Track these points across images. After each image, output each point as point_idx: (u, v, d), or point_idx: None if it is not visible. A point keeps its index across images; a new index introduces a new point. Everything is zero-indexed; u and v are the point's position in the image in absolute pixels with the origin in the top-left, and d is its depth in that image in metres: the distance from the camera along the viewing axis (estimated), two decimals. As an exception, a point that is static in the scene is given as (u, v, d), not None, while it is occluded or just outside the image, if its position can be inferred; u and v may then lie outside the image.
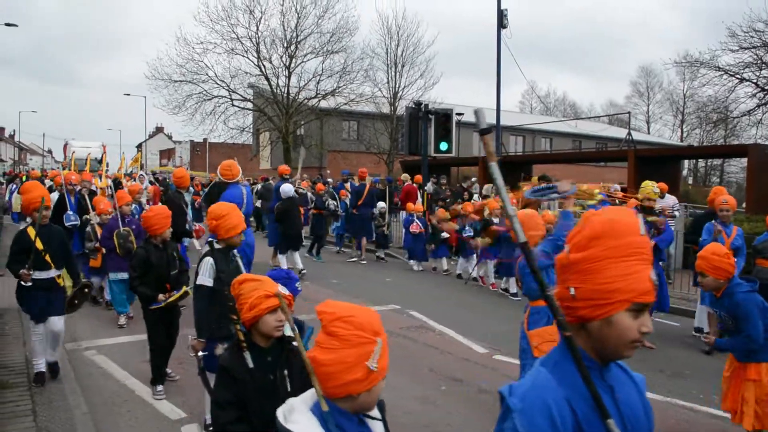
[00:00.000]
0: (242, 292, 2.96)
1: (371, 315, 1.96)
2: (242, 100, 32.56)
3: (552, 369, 1.60)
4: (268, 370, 2.94)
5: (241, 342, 2.96)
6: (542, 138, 47.63)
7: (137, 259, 5.99)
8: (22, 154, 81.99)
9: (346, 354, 1.87)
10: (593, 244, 1.57)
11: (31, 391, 5.86)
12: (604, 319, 1.55)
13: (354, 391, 1.89)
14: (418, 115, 16.41)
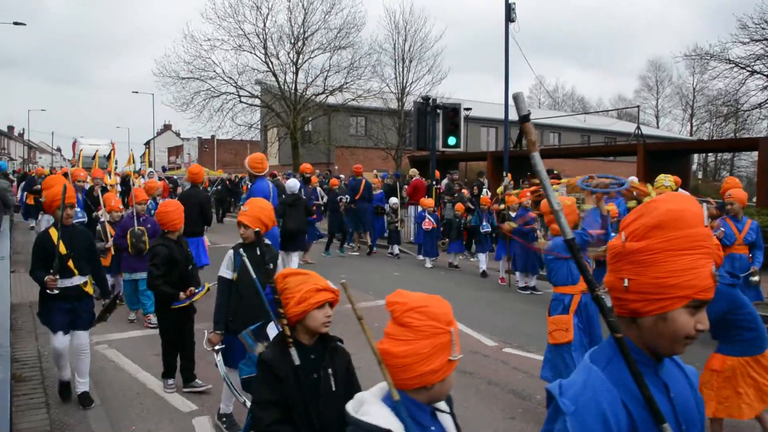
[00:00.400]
0: (288, 286, 2.83)
1: (444, 305, 1.94)
2: (250, 97, 32.62)
3: (605, 367, 1.50)
4: (312, 368, 2.79)
5: (288, 338, 2.79)
6: (550, 132, 47.47)
7: (160, 257, 5.67)
8: (32, 153, 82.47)
9: (421, 345, 1.85)
10: (653, 234, 1.46)
11: (44, 384, 5.91)
12: (659, 315, 1.46)
13: (428, 382, 1.88)
14: (426, 109, 16.35)
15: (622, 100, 67.74)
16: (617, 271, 1.52)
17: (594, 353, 1.58)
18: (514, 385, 6.33)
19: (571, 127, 47.09)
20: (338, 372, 2.83)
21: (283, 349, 2.79)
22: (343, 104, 32.35)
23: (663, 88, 63.76)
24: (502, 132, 25.11)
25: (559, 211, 1.48)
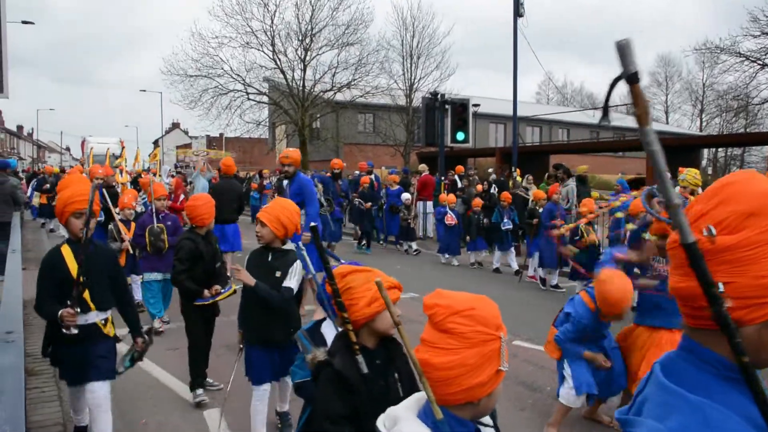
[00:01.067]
0: (353, 285, 2.56)
1: (492, 307, 1.71)
2: (258, 94, 32.66)
3: (721, 400, 1.14)
4: (379, 375, 2.52)
5: (354, 344, 2.49)
6: (559, 128, 47.33)
7: (185, 251, 5.38)
8: (41, 152, 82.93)
9: (468, 355, 1.62)
10: (750, 224, 1.16)
11: (55, 378, 5.91)
12: (766, 322, 1.15)
13: (475, 396, 1.64)
14: (435, 105, 16.36)
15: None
16: (715, 273, 1.14)
17: (691, 382, 1.19)
18: (524, 377, 6.33)
19: (580, 123, 46.90)
20: (403, 377, 2.58)
21: (351, 355, 2.49)
22: (351, 101, 32.33)
23: (672, 83, 63.44)
24: (511, 128, 25.06)
25: (679, 207, 1.12)
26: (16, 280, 4.54)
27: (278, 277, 4.38)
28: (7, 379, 2.24)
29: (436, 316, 1.68)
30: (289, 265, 4.43)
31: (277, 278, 4.37)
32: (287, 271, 4.41)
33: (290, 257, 4.46)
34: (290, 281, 4.40)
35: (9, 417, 1.75)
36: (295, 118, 31.59)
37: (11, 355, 2.50)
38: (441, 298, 1.72)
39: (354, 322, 2.52)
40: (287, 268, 4.42)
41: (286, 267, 4.43)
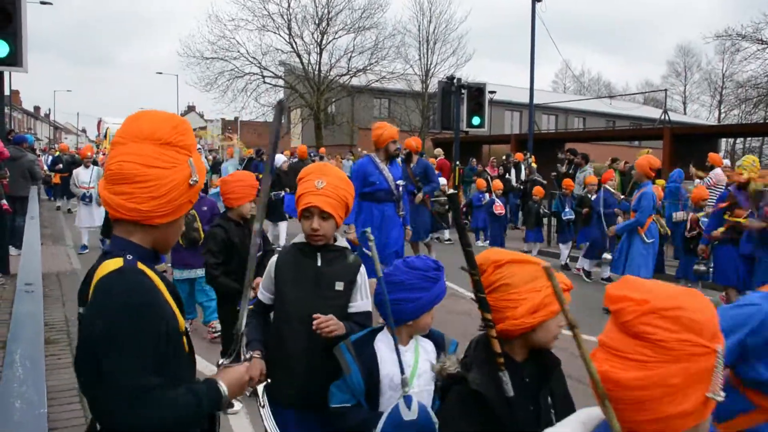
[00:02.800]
0: (511, 281, 1.90)
1: (705, 307, 1.24)
2: (273, 77, 32.73)
3: None
4: (528, 397, 1.94)
5: (498, 356, 1.90)
6: (575, 117, 47.01)
7: (215, 241, 4.73)
8: (57, 133, 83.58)
9: (670, 372, 1.19)
10: None
11: (71, 346, 6.01)
12: None
13: (674, 429, 1.23)
14: (451, 89, 16.25)
15: (648, 86, 66.78)
16: None
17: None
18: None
19: (597, 112, 46.56)
20: (557, 400, 2.01)
21: (494, 373, 1.90)
22: (367, 86, 32.34)
23: (691, 73, 62.72)
24: (527, 116, 24.92)
25: None
26: (35, 241, 4.60)
27: (339, 291, 2.72)
28: (27, 325, 2.28)
29: (624, 314, 1.23)
30: (355, 272, 2.78)
31: (338, 294, 2.71)
32: (353, 282, 2.76)
33: (352, 259, 2.83)
34: (363, 298, 2.79)
35: (28, 354, 1.79)
36: (310, 102, 31.63)
37: (30, 304, 2.55)
38: (633, 289, 1.26)
39: (505, 331, 1.91)
40: (353, 277, 2.77)
41: (351, 275, 2.77)
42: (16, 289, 3.71)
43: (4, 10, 7.57)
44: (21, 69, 7.87)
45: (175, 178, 1.63)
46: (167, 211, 1.65)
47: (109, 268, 1.58)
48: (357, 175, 7.14)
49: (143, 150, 1.61)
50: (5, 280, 8.30)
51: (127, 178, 1.59)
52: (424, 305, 2.39)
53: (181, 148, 1.66)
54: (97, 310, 1.54)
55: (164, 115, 1.71)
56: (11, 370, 1.79)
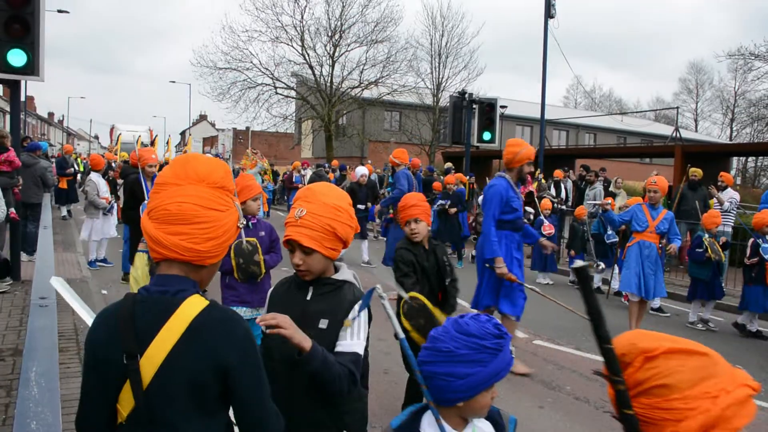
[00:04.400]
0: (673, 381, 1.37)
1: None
2: (286, 89, 32.90)
3: None
4: None
5: None
6: (586, 133, 46.94)
7: (405, 261, 4.34)
8: (70, 139, 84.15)
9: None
10: None
11: (79, 355, 6.02)
12: None
13: None
14: (462, 104, 16.32)
15: (660, 103, 66.72)
16: None
17: None
18: (544, 376, 6.30)
19: (607, 128, 46.51)
20: None
21: None
22: (378, 98, 32.40)
23: (703, 91, 62.59)
24: (537, 131, 24.92)
25: None
26: (48, 252, 4.63)
27: (322, 330, 2.32)
28: (41, 340, 2.29)
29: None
30: (346, 310, 2.34)
31: (321, 333, 2.30)
32: (340, 321, 2.33)
33: (345, 295, 2.39)
34: (353, 338, 2.33)
35: (43, 371, 1.79)
36: (321, 113, 31.75)
37: (45, 319, 2.56)
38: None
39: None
40: (342, 315, 2.33)
41: (341, 313, 2.34)
42: (29, 300, 3.73)
43: (23, 20, 7.66)
44: (38, 78, 7.95)
45: (229, 220, 1.71)
46: (219, 252, 1.71)
47: (198, 306, 1.62)
48: (497, 200, 6.16)
49: (201, 192, 1.66)
50: (16, 286, 8.35)
51: (187, 219, 1.63)
52: (480, 383, 1.82)
53: (230, 191, 1.74)
54: (227, 342, 1.60)
55: (212, 159, 1.78)
56: (27, 389, 1.79)
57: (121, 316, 1.61)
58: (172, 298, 1.62)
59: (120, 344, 1.58)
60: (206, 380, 1.57)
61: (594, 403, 5.61)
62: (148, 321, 1.59)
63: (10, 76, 7.86)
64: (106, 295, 8.75)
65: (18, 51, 7.67)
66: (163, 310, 1.59)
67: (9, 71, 7.71)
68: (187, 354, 1.56)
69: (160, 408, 1.57)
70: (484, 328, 1.83)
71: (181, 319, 1.57)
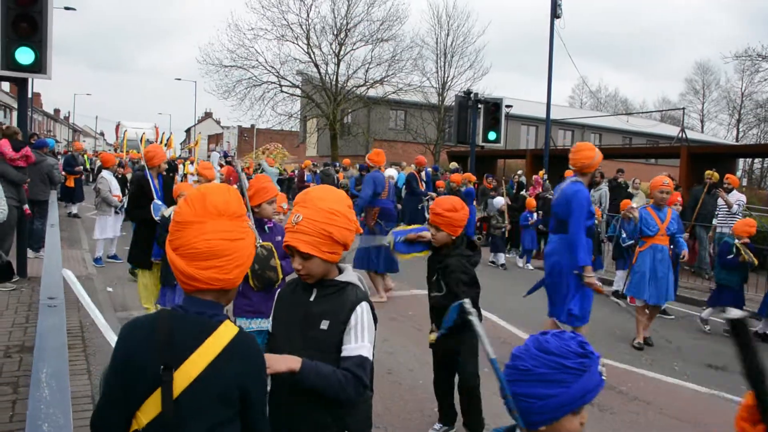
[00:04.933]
0: None
1: None
2: (291, 87, 32.93)
3: None
4: None
5: None
6: (591, 133, 46.83)
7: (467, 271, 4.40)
8: (76, 136, 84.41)
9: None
10: None
11: (85, 353, 6.05)
12: None
13: None
14: (468, 103, 16.31)
15: (666, 103, 66.59)
16: None
17: None
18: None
19: (613, 129, 46.40)
20: None
21: None
22: (383, 97, 32.41)
23: (710, 92, 62.44)
24: (543, 131, 24.90)
25: None
26: (56, 251, 4.65)
27: (323, 331, 2.30)
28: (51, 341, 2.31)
29: None
30: (349, 310, 2.30)
31: (323, 333, 2.30)
32: (345, 322, 2.29)
33: (348, 296, 2.35)
34: (358, 341, 2.28)
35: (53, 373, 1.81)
36: (326, 112, 31.77)
37: (54, 319, 2.59)
38: None
39: None
40: (345, 316, 2.30)
41: (344, 314, 2.30)
42: (36, 297, 3.76)
43: (30, 18, 7.70)
44: (45, 76, 7.99)
45: (249, 244, 1.85)
46: (245, 273, 1.87)
47: (230, 333, 1.77)
48: (586, 206, 6.06)
49: (223, 226, 1.78)
50: (23, 283, 8.39)
51: (217, 254, 1.75)
52: (561, 405, 1.69)
53: (243, 217, 1.86)
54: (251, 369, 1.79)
55: (224, 188, 1.87)
56: (38, 390, 1.81)
57: (160, 329, 1.73)
58: (209, 320, 1.77)
59: (156, 355, 1.68)
60: (231, 398, 1.73)
61: (597, 405, 5.61)
62: (187, 338, 1.72)
63: (18, 74, 7.90)
64: (111, 293, 8.78)
65: (26, 49, 7.71)
66: (202, 331, 1.74)
67: (17, 69, 7.76)
68: (220, 372, 1.70)
69: (185, 419, 1.68)
70: (566, 346, 1.71)
71: (219, 340, 1.73)
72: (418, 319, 8.44)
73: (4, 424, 4.26)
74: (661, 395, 6.06)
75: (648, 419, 5.42)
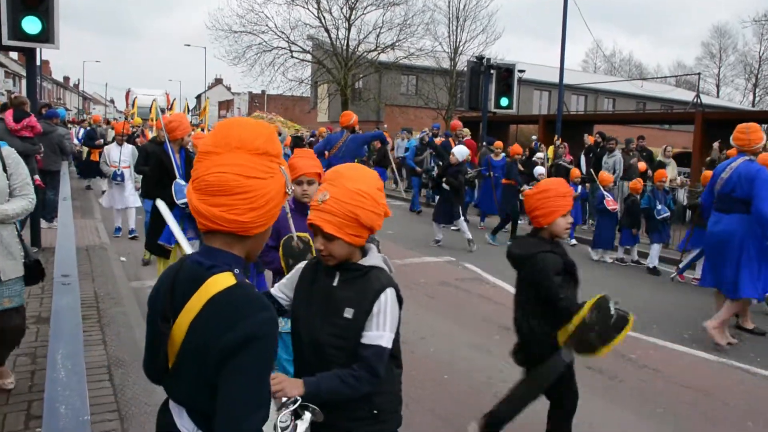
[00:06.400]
0: None
1: None
2: (301, 52, 32.61)
3: None
4: None
5: None
6: (605, 98, 46.31)
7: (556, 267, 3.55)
8: (86, 104, 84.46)
9: None
10: None
11: (100, 323, 6.13)
12: None
13: None
14: (480, 69, 16.13)
15: (681, 68, 65.56)
16: None
17: None
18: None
19: (627, 93, 45.84)
20: None
21: None
22: (395, 62, 32.08)
23: (726, 56, 61.37)
24: (556, 96, 24.62)
25: None
26: (68, 227, 4.68)
27: (347, 319, 2.22)
28: (65, 319, 2.33)
29: None
30: (372, 299, 2.23)
31: (347, 322, 2.23)
32: (368, 311, 2.22)
33: (372, 283, 2.26)
34: (379, 329, 2.22)
35: (69, 353, 1.83)
36: (337, 77, 31.50)
37: (68, 297, 2.61)
38: None
39: None
40: (368, 305, 2.23)
41: (367, 303, 2.22)
42: (51, 271, 3.79)
43: (37, -13, 7.64)
44: (53, 46, 7.96)
45: (273, 188, 1.63)
46: (265, 221, 1.65)
47: (223, 283, 1.57)
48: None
49: (240, 160, 1.58)
50: (37, 254, 8.47)
51: (227, 190, 1.57)
52: None
53: (275, 156, 1.65)
54: (233, 334, 1.49)
55: (255, 123, 1.68)
56: (54, 372, 1.83)
57: (167, 279, 1.66)
58: (205, 272, 1.59)
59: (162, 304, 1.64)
60: (212, 362, 1.51)
61: (606, 373, 5.64)
62: (183, 290, 1.60)
63: (26, 44, 7.87)
64: (125, 262, 8.86)
65: (32, 18, 7.67)
66: (194, 282, 1.58)
67: (24, 39, 7.72)
68: (200, 331, 1.54)
69: (183, 374, 1.60)
70: None
71: (203, 294, 1.55)
72: (429, 286, 8.49)
73: (24, 394, 4.34)
74: (670, 363, 6.08)
75: (656, 388, 5.44)
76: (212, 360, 1.50)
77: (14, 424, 3.87)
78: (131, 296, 7.05)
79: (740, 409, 5.11)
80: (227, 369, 1.49)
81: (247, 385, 1.49)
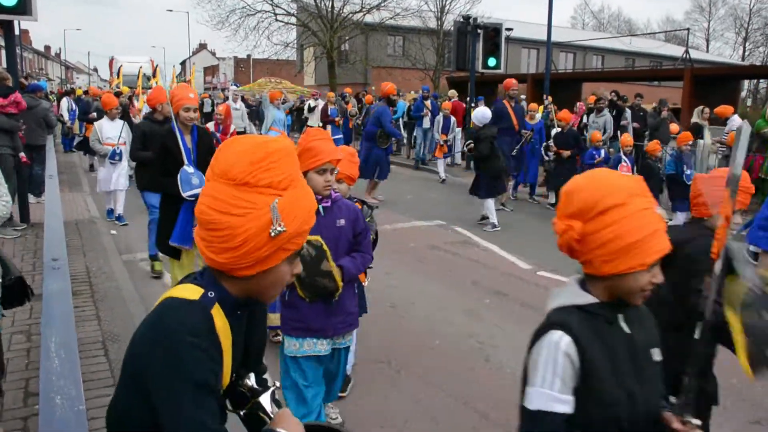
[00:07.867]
0: None
1: None
2: (286, 15, 32.14)
3: None
4: None
5: None
6: (594, 55, 46.01)
7: None
8: (69, 73, 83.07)
9: None
10: None
11: (93, 298, 6.15)
12: None
13: None
14: (467, 29, 15.96)
15: (670, 23, 65.06)
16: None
17: None
18: (549, 309, 6.41)
19: (615, 50, 45.51)
20: None
21: None
22: (381, 23, 31.69)
23: (716, 9, 60.91)
24: (544, 54, 24.42)
25: None
26: (55, 206, 4.65)
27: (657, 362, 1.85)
28: (57, 304, 2.35)
29: None
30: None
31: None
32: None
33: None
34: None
35: (62, 342, 1.86)
36: (323, 40, 31.10)
37: (59, 281, 2.62)
38: None
39: None
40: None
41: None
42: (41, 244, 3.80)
43: (12, -43, 7.46)
44: (30, 18, 7.83)
45: (251, 227, 1.35)
46: (249, 263, 1.39)
47: (184, 293, 1.42)
48: None
49: (215, 191, 1.37)
50: (26, 230, 8.45)
51: (203, 223, 1.39)
52: None
53: (264, 187, 1.36)
54: (153, 349, 1.38)
55: (251, 144, 1.41)
56: (48, 360, 1.85)
57: None
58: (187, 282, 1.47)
59: None
60: (135, 382, 1.42)
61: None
62: None
63: (3, 17, 7.72)
64: (115, 235, 8.84)
65: (8, -10, 7.52)
66: None
67: (1, 11, 7.57)
68: (132, 344, 1.47)
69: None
70: None
71: (162, 297, 1.46)
72: (419, 251, 8.54)
73: (21, 372, 4.38)
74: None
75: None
76: (139, 380, 1.43)
77: (13, 402, 3.92)
78: (123, 270, 7.05)
79: None
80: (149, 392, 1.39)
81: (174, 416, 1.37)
